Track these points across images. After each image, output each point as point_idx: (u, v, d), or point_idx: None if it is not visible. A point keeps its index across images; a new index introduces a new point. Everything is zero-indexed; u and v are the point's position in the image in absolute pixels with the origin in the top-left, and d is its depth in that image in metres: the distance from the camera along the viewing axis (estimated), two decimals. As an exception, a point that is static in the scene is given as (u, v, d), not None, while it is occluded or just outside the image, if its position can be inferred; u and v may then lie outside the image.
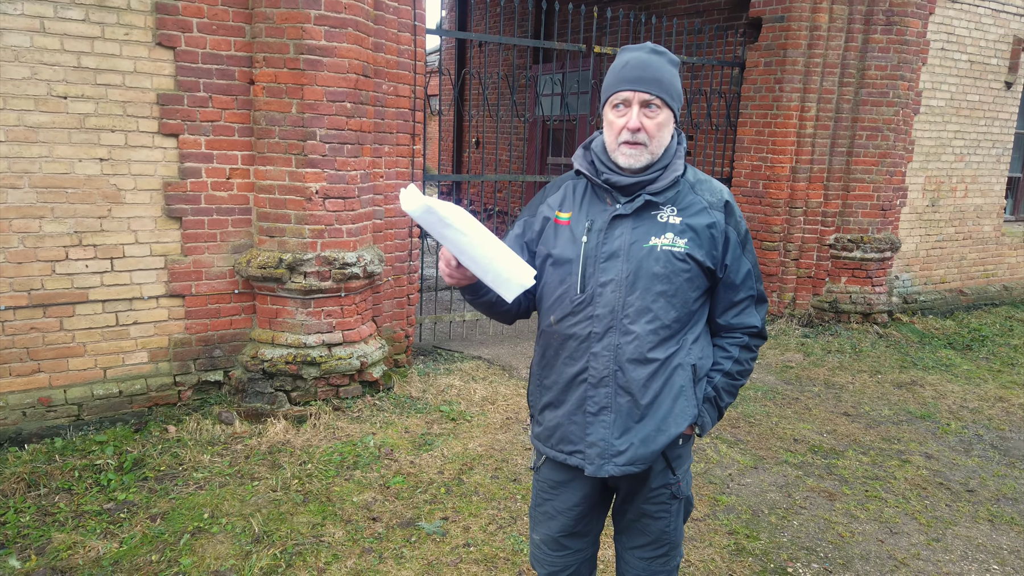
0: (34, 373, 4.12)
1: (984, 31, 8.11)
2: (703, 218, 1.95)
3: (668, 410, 1.97)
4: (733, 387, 2.08)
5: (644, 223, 1.94)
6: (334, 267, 4.51)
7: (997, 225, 8.98)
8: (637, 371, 1.94)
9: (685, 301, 1.95)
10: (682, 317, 1.97)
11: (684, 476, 2.12)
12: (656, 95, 1.90)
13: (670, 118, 1.95)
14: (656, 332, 1.93)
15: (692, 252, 1.93)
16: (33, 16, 3.85)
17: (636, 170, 1.95)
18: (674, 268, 1.92)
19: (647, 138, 1.91)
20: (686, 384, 1.98)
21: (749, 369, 2.10)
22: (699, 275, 1.96)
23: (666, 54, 1.95)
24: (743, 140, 7.48)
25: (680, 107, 1.99)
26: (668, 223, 1.94)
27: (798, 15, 6.86)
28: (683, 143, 2.03)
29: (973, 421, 5.21)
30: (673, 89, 1.93)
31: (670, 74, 1.93)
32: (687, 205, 1.97)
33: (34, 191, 3.98)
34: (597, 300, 1.95)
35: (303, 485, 3.74)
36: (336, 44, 4.38)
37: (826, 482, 4.13)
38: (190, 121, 4.32)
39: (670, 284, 1.92)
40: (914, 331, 7.49)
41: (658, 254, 1.92)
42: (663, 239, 1.92)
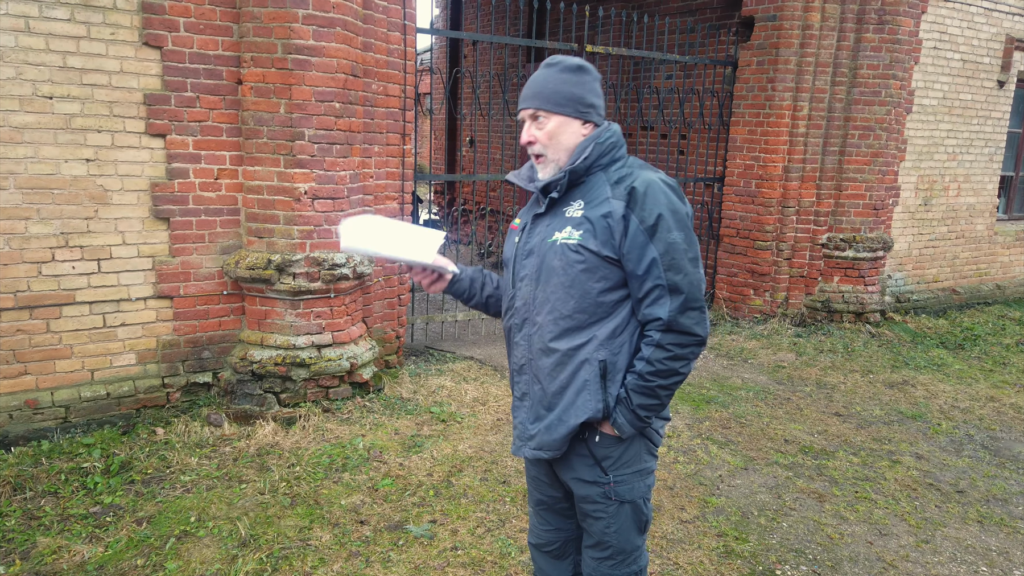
0: (21, 375, 4.09)
1: (977, 30, 8.11)
2: (601, 208, 1.98)
3: (570, 402, 2.03)
4: (646, 388, 1.96)
5: (556, 220, 2.06)
6: (323, 268, 4.49)
7: (990, 224, 8.99)
8: (543, 360, 2.07)
9: (585, 292, 1.99)
10: (586, 308, 1.99)
11: (625, 479, 2.09)
12: (537, 107, 2.03)
13: (565, 122, 2.02)
14: (556, 323, 2.03)
15: (585, 243, 1.97)
16: (18, 16, 3.81)
17: (547, 178, 2.07)
18: (568, 260, 1.99)
19: (542, 148, 2.05)
20: (591, 379, 2.00)
21: (668, 369, 1.96)
22: (600, 265, 1.97)
23: (559, 64, 2.04)
24: (736, 139, 7.48)
25: (582, 108, 2.02)
26: (570, 217, 2.02)
27: (790, 14, 6.85)
28: (604, 137, 2.04)
29: (964, 421, 5.22)
30: (558, 95, 2.01)
31: (557, 81, 2.02)
32: (593, 198, 2.01)
33: (20, 192, 3.95)
34: (517, 294, 2.13)
35: (291, 488, 3.72)
36: (324, 44, 4.35)
37: (816, 483, 4.12)
38: (177, 121, 4.30)
39: (566, 275, 1.99)
40: (907, 330, 7.49)
41: (557, 248, 2.01)
42: (563, 233, 2.01)
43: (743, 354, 6.51)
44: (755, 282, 7.46)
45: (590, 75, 2.06)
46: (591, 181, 2.04)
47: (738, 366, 6.23)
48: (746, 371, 6.09)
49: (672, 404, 5.17)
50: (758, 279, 7.44)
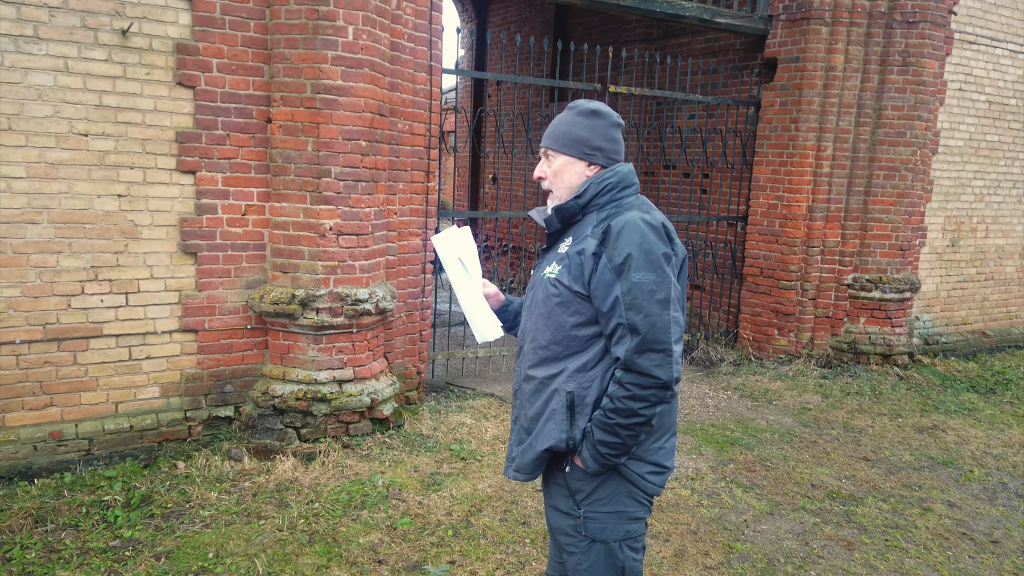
0: (46, 407, 4.13)
1: (1002, 72, 8.09)
2: (579, 245, 2.05)
3: (540, 429, 2.10)
4: (607, 425, 1.95)
5: (551, 255, 2.18)
6: (346, 303, 4.52)
7: (1020, 266, 8.85)
8: (524, 386, 2.18)
9: (560, 325, 2.06)
10: (560, 340, 2.06)
11: (598, 517, 2.07)
12: (547, 147, 2.17)
13: (569, 162, 2.13)
14: (535, 352, 2.13)
15: (561, 277, 2.06)
16: (57, 56, 3.94)
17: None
18: (548, 293, 2.09)
19: (549, 184, 2.19)
20: (558, 408, 2.05)
21: (627, 409, 1.92)
22: (572, 300, 2.03)
23: (577, 107, 2.15)
24: (759, 179, 7.47)
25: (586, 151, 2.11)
26: (559, 253, 2.12)
27: (813, 56, 6.88)
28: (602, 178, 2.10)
29: (997, 468, 5.07)
30: (566, 137, 2.13)
31: (568, 124, 2.14)
32: (580, 235, 2.08)
33: (52, 226, 4.04)
34: (523, 324, 2.27)
35: (309, 525, 3.70)
36: (352, 84, 4.44)
37: (844, 530, 4.01)
38: (207, 159, 4.38)
39: (545, 307, 2.10)
40: (935, 373, 7.34)
41: (544, 282, 2.13)
42: (550, 268, 2.12)
43: (768, 395, 6.41)
44: (780, 322, 7.38)
45: (604, 120, 2.13)
46: (586, 219, 2.11)
47: (763, 407, 6.13)
48: (771, 412, 5.99)
49: (695, 446, 5.09)
50: (783, 319, 7.36)
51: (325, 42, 4.34)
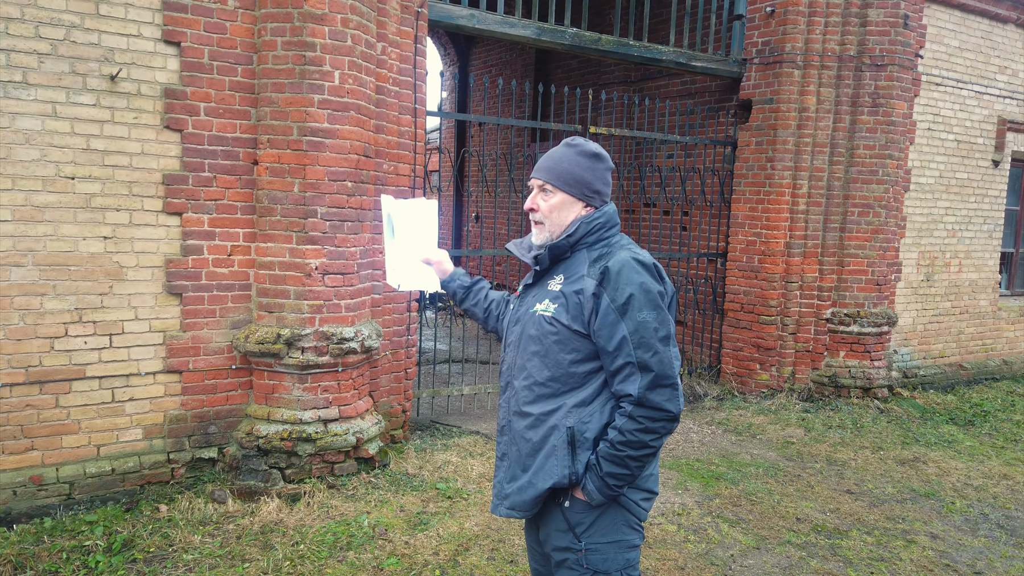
0: (27, 451, 4.08)
1: (969, 112, 8.36)
2: (576, 284, 2.09)
3: (540, 465, 2.10)
4: (616, 458, 2.00)
5: (540, 291, 2.19)
6: (332, 342, 4.53)
7: (993, 300, 9.04)
8: (518, 422, 2.17)
9: (558, 362, 2.09)
10: (559, 377, 2.09)
11: (598, 548, 2.10)
12: (547, 181, 2.17)
13: (568, 201, 2.16)
14: (530, 388, 2.14)
15: (558, 316, 2.09)
16: (45, 101, 3.99)
17: (539, 246, 2.21)
18: (543, 330, 2.11)
19: (542, 217, 2.19)
20: (559, 444, 2.07)
21: (638, 441, 1.99)
22: (571, 338, 2.07)
23: (579, 147, 2.18)
24: (737, 216, 7.62)
25: (588, 192, 2.16)
26: (550, 290, 2.15)
27: (786, 97, 7.09)
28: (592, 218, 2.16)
29: (978, 499, 5.13)
30: (569, 176, 2.15)
31: (571, 164, 2.15)
32: (572, 273, 2.13)
33: (37, 269, 4.04)
34: (505, 359, 2.28)
35: (295, 567, 3.66)
36: (339, 127, 4.52)
37: (830, 563, 4.03)
38: (194, 200, 4.42)
39: (541, 345, 2.12)
40: (915, 406, 7.43)
41: (535, 318, 2.14)
42: (541, 305, 2.14)
43: (751, 429, 6.46)
44: (761, 356, 7.47)
45: (603, 163, 2.19)
46: (575, 257, 2.16)
47: (746, 442, 6.17)
48: (755, 447, 6.03)
49: (681, 481, 5.11)
50: (764, 353, 7.44)
51: (312, 86, 4.43)
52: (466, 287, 2.56)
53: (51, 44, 3.97)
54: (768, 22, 7.18)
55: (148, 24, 4.21)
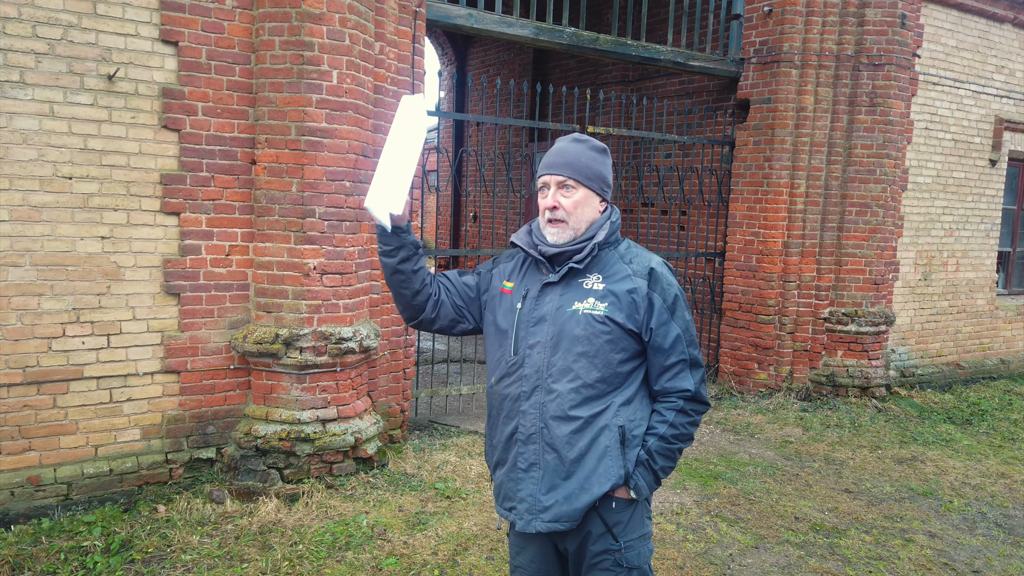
0: (25, 452, 4.07)
1: (966, 111, 8.38)
2: (625, 284, 2.09)
3: (592, 469, 2.05)
4: (669, 451, 2.10)
5: (571, 290, 2.12)
6: (330, 342, 4.53)
7: (990, 299, 9.05)
8: (560, 428, 2.06)
9: (608, 362, 2.06)
10: (607, 378, 2.07)
11: (632, 544, 2.12)
12: (569, 176, 2.12)
13: (589, 196, 2.15)
14: (578, 391, 2.06)
15: (612, 315, 2.06)
16: (43, 101, 3.98)
17: (561, 244, 2.14)
18: (594, 330, 2.05)
19: (565, 215, 2.13)
20: (611, 445, 2.05)
21: (687, 434, 2.11)
22: (622, 337, 2.07)
23: (588, 142, 2.18)
24: (735, 215, 7.62)
25: (604, 187, 2.18)
26: (591, 289, 2.10)
27: (784, 97, 7.10)
28: (614, 218, 2.19)
29: (976, 498, 5.14)
30: (589, 171, 2.14)
31: (588, 158, 2.15)
32: (612, 273, 2.12)
33: (35, 269, 4.03)
34: (526, 361, 2.12)
35: (293, 567, 3.66)
36: (337, 126, 4.51)
37: (829, 562, 4.04)
38: (192, 200, 4.42)
39: (590, 345, 2.05)
40: (913, 405, 7.45)
41: (579, 317, 2.07)
42: (585, 303, 2.08)
43: (749, 428, 6.46)
44: (759, 356, 7.47)
45: (609, 158, 2.24)
46: (603, 257, 2.15)
47: (745, 441, 6.17)
48: (753, 446, 6.04)
49: (680, 480, 5.11)
50: (762, 353, 7.45)
51: (310, 86, 4.42)
52: (417, 245, 2.22)
53: (48, 44, 3.96)
54: (766, 22, 7.18)
55: (146, 24, 4.20)
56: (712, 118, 7.77)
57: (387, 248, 2.17)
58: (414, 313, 2.28)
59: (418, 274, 2.22)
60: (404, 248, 2.18)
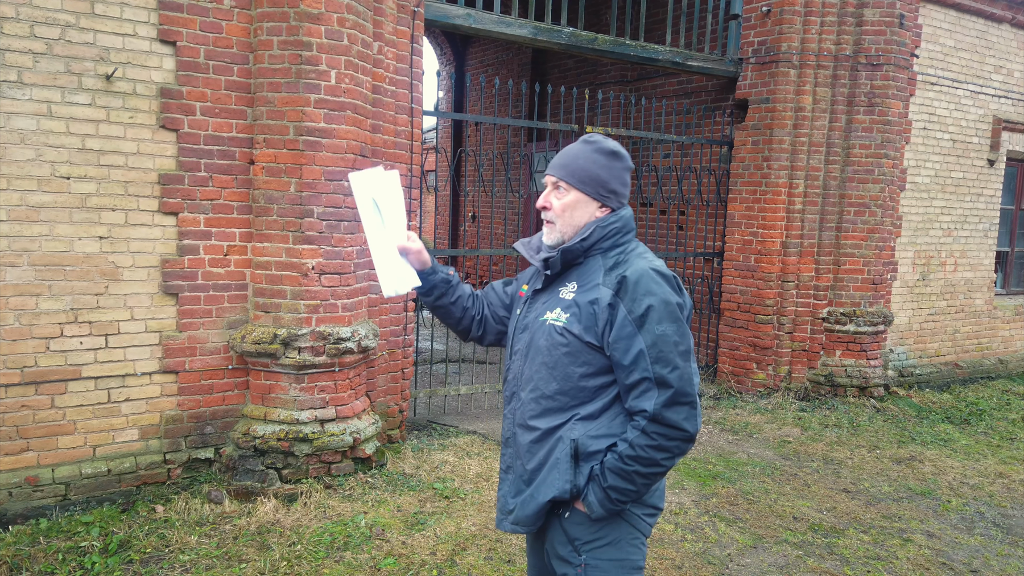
0: (23, 452, 4.07)
1: (964, 111, 8.38)
2: (590, 294, 1.98)
3: (543, 479, 2.02)
4: (623, 471, 1.91)
5: (551, 298, 2.07)
6: (328, 342, 4.53)
7: (989, 299, 9.06)
8: (523, 436, 2.07)
9: (567, 375, 1.99)
10: (567, 391, 1.99)
11: (600, 565, 2.00)
12: (561, 178, 2.05)
13: (583, 200, 2.04)
14: (537, 401, 2.03)
15: (570, 327, 1.97)
16: (41, 101, 3.97)
17: (553, 247, 2.08)
18: (552, 341, 2.00)
19: (554, 216, 2.07)
20: (562, 457, 1.98)
21: (648, 458, 1.90)
22: (582, 350, 1.97)
23: (596, 144, 2.06)
24: (734, 215, 7.62)
25: (603, 192, 2.04)
26: (562, 298, 2.03)
27: (782, 97, 7.10)
28: (608, 222, 2.04)
29: (974, 498, 5.14)
30: (583, 173, 2.03)
31: (587, 160, 2.04)
32: (586, 282, 2.01)
33: (33, 269, 4.03)
34: (511, 367, 2.15)
35: (292, 567, 3.65)
36: (335, 126, 4.51)
37: (827, 562, 4.04)
38: (190, 200, 4.41)
39: (549, 356, 2.01)
40: (911, 405, 7.45)
41: (545, 328, 2.03)
42: (552, 313, 2.03)
43: (748, 428, 6.47)
44: (757, 356, 7.48)
45: (621, 162, 2.07)
46: (588, 263, 2.04)
47: (743, 441, 6.18)
48: (751, 446, 6.04)
49: (678, 480, 5.11)
50: (760, 353, 7.45)
51: (308, 86, 4.42)
52: (448, 280, 2.28)
53: (46, 43, 3.96)
54: (764, 22, 7.18)
55: (144, 23, 4.20)
56: (711, 118, 7.78)
57: (421, 291, 2.24)
58: (463, 335, 2.37)
59: (456, 304, 2.29)
60: (436, 288, 2.25)
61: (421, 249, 2.23)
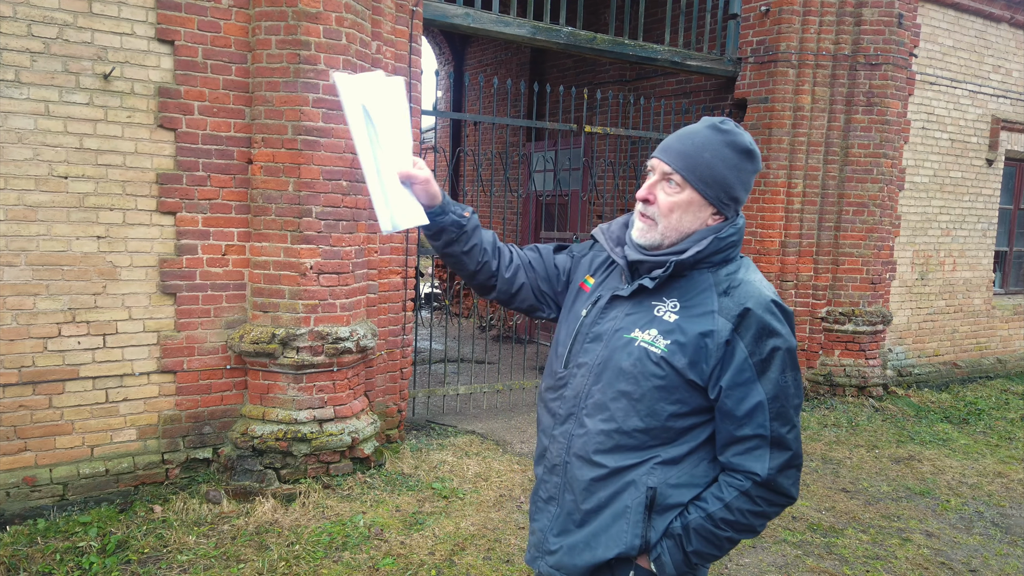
0: (20, 452, 4.06)
1: (963, 111, 8.38)
2: (702, 323, 1.63)
3: (604, 527, 1.69)
4: (713, 536, 1.63)
5: (639, 311, 1.71)
6: (327, 342, 4.52)
7: (987, 298, 9.06)
8: (582, 470, 1.72)
9: (654, 412, 1.65)
10: (652, 430, 1.66)
11: None
12: (678, 170, 1.66)
13: (697, 202, 1.67)
14: (609, 435, 1.68)
15: (671, 358, 1.63)
16: (38, 100, 3.96)
17: (646, 248, 1.73)
18: (644, 369, 1.65)
19: (657, 214, 1.69)
20: (633, 506, 1.66)
21: (746, 525, 1.63)
22: (680, 387, 1.64)
23: (730, 134, 1.68)
24: (733, 215, 7.61)
25: (724, 199, 1.68)
26: (660, 317, 1.67)
27: (781, 96, 7.10)
28: (725, 232, 1.69)
29: (973, 497, 5.14)
30: (708, 171, 1.65)
31: (715, 155, 1.65)
32: (695, 303, 1.66)
33: (30, 269, 4.02)
34: (570, 381, 1.78)
35: (290, 568, 3.65)
36: (334, 125, 4.50)
37: (826, 562, 4.04)
38: (188, 199, 4.40)
39: (636, 386, 1.66)
40: (910, 404, 7.45)
41: (632, 348, 1.67)
42: (646, 333, 1.67)
43: (746, 429, 6.46)
44: (756, 356, 7.47)
45: (754, 164, 1.71)
46: (695, 278, 1.69)
47: (742, 441, 6.17)
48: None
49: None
50: (759, 353, 7.44)
51: (306, 85, 4.41)
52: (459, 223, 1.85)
53: (44, 43, 3.95)
54: (763, 21, 7.18)
55: (141, 23, 4.19)
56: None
57: (427, 233, 1.85)
58: (480, 291, 1.98)
59: (471, 255, 1.88)
60: (445, 232, 1.84)
61: (429, 179, 1.79)
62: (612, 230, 1.85)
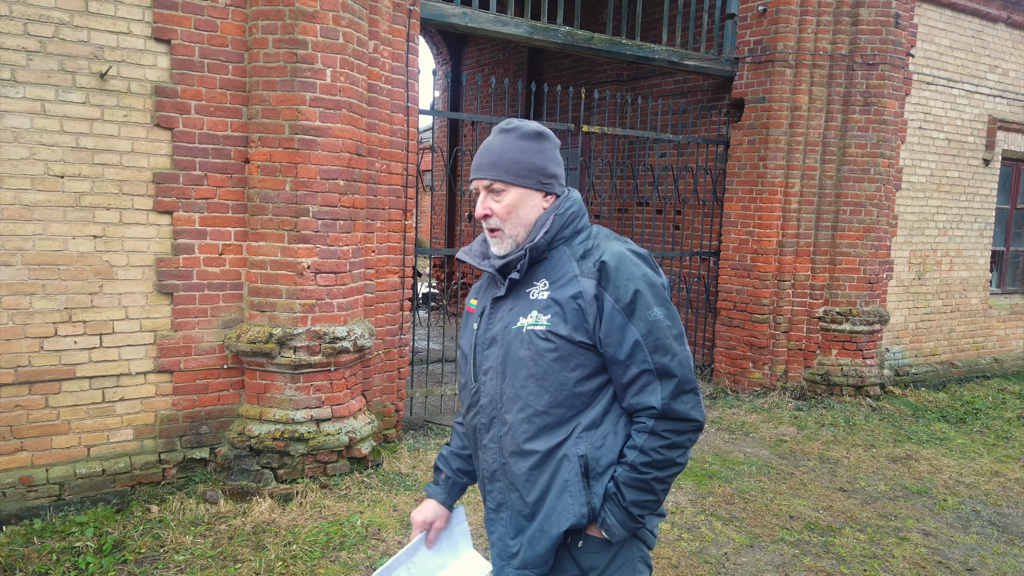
0: (16, 452, 4.05)
1: (960, 111, 8.40)
2: (570, 288, 1.76)
3: (552, 508, 1.77)
4: (642, 482, 1.73)
5: (519, 303, 1.82)
6: (324, 341, 4.51)
7: (984, 298, 9.08)
8: (518, 464, 1.81)
9: (561, 384, 1.76)
10: (563, 401, 1.76)
11: None
12: (494, 179, 1.82)
13: (525, 195, 1.83)
14: (530, 420, 1.78)
15: (555, 328, 1.74)
16: (34, 99, 3.95)
17: (505, 255, 1.85)
18: (536, 349, 1.76)
19: (499, 222, 1.83)
20: (571, 479, 1.75)
21: (664, 460, 1.73)
22: (573, 352, 1.75)
23: (517, 129, 1.84)
24: (730, 215, 7.63)
25: (543, 179, 1.84)
26: (536, 300, 1.79)
27: (779, 96, 7.10)
28: (563, 208, 1.84)
29: (970, 497, 5.15)
30: (518, 166, 1.81)
31: (516, 150, 1.82)
32: (559, 276, 1.79)
33: (26, 268, 4.01)
34: (482, 389, 1.87)
35: (287, 567, 3.64)
36: (331, 125, 4.50)
37: (823, 561, 4.04)
38: (185, 199, 4.39)
39: (536, 366, 1.76)
40: (907, 404, 7.46)
41: (523, 335, 1.78)
42: (528, 318, 1.78)
43: (744, 428, 6.46)
44: (754, 355, 7.48)
45: (550, 141, 1.87)
46: (554, 256, 1.83)
47: (739, 440, 6.18)
48: (748, 445, 6.04)
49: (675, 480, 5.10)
50: (757, 352, 7.45)
51: (303, 84, 4.40)
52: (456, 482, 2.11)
53: (40, 41, 3.94)
54: (760, 21, 7.18)
55: (138, 22, 4.18)
56: (707, 117, 7.77)
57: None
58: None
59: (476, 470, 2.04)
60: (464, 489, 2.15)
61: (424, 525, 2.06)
62: (475, 248, 1.97)
